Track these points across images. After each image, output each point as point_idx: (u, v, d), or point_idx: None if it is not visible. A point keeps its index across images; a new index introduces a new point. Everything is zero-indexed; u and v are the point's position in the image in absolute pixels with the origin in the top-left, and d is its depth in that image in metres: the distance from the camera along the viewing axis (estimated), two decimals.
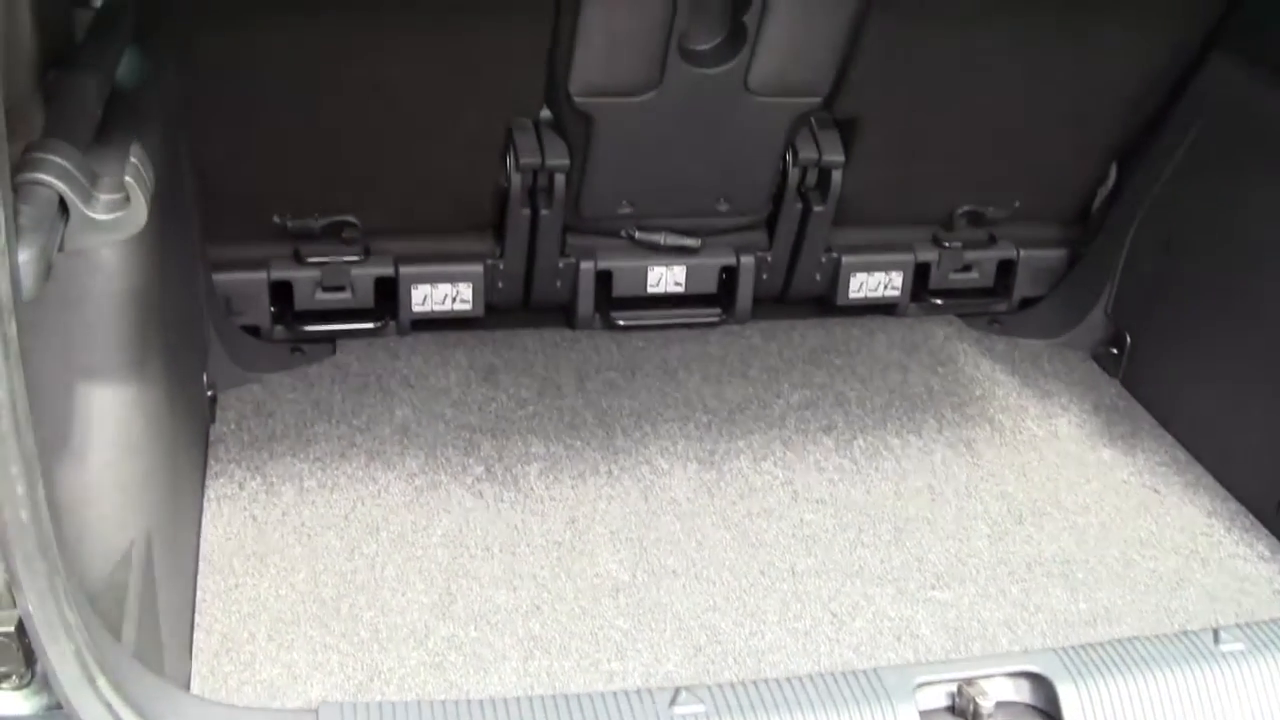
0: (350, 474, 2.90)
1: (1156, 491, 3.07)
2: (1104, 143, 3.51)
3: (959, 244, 3.60)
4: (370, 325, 3.34)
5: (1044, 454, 3.16)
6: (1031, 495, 3.01)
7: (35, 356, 1.59)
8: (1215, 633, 2.18)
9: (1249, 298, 3.11)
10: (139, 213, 1.73)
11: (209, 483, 2.84)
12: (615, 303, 3.45)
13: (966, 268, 3.65)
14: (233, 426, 3.02)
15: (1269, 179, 3.09)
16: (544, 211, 3.27)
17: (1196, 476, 3.13)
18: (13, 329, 1.44)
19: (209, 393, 2.98)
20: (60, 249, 1.71)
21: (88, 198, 1.70)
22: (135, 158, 1.78)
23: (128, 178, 1.72)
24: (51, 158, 1.72)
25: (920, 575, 2.75)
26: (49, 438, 1.98)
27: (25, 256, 1.50)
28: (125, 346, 2.20)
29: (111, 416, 2.20)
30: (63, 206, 1.70)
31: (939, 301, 3.65)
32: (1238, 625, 2.21)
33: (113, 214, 1.71)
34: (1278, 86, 3.10)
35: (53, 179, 1.68)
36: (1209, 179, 3.24)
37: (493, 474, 2.92)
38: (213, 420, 3.01)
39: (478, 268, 3.33)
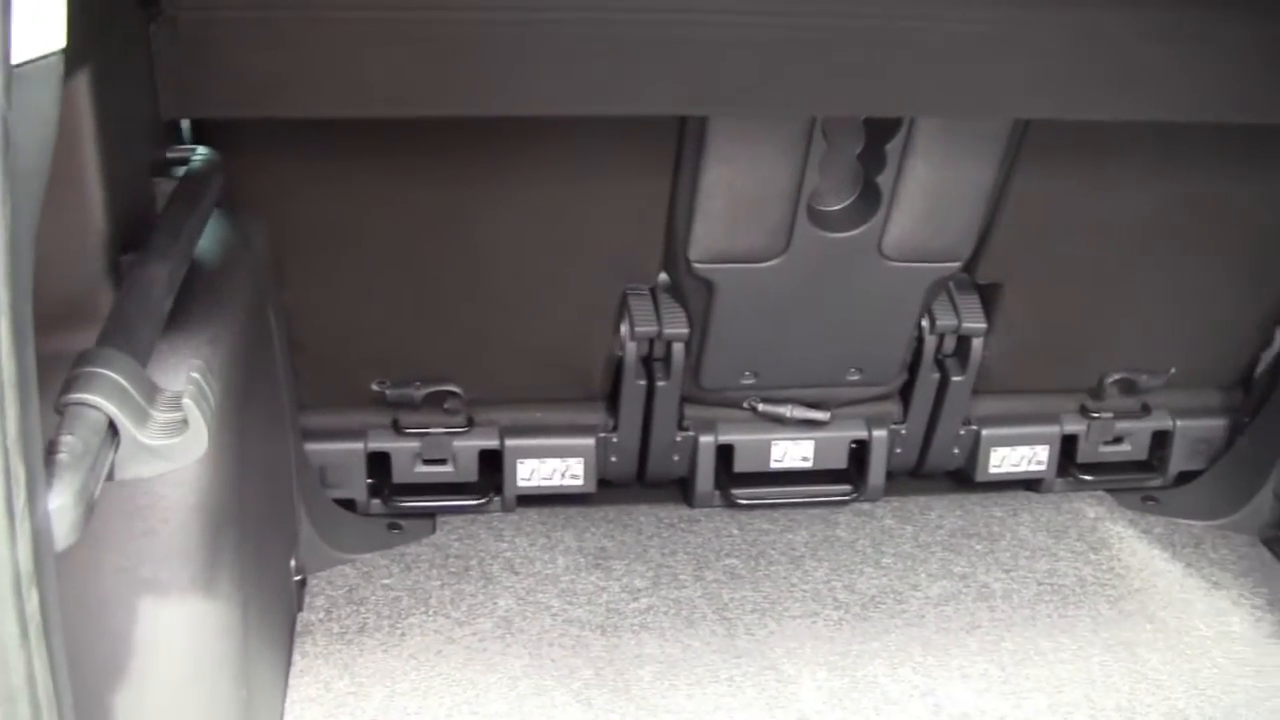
0: (447, 675, 2.65)
1: None
2: (1265, 306, 3.22)
3: (1109, 414, 3.31)
4: (473, 501, 3.12)
5: (1215, 659, 2.83)
6: (1205, 711, 2.68)
7: (89, 572, 1.37)
8: None
9: None
10: (199, 438, 1.51)
11: (293, 681, 2.61)
12: (736, 479, 3.19)
13: (1117, 439, 3.35)
14: (322, 615, 2.79)
15: None
16: (661, 382, 3.04)
17: None
18: (34, 602, 1.22)
19: (297, 577, 2.76)
20: (110, 477, 1.49)
21: (142, 419, 1.49)
22: (197, 371, 1.57)
23: (186, 399, 1.50)
24: (104, 372, 1.51)
25: None
26: (103, 663, 1.76)
27: (58, 502, 1.28)
28: (196, 560, 1.98)
29: (178, 638, 1.97)
30: (112, 428, 1.48)
31: (1088, 477, 3.36)
32: None
33: (171, 439, 1.49)
34: None
35: (102, 400, 1.47)
36: None
37: (602, 678, 2.66)
38: (300, 608, 2.79)
39: (589, 441, 3.10)
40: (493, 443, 3.08)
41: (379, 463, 3.08)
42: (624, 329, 2.99)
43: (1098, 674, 2.75)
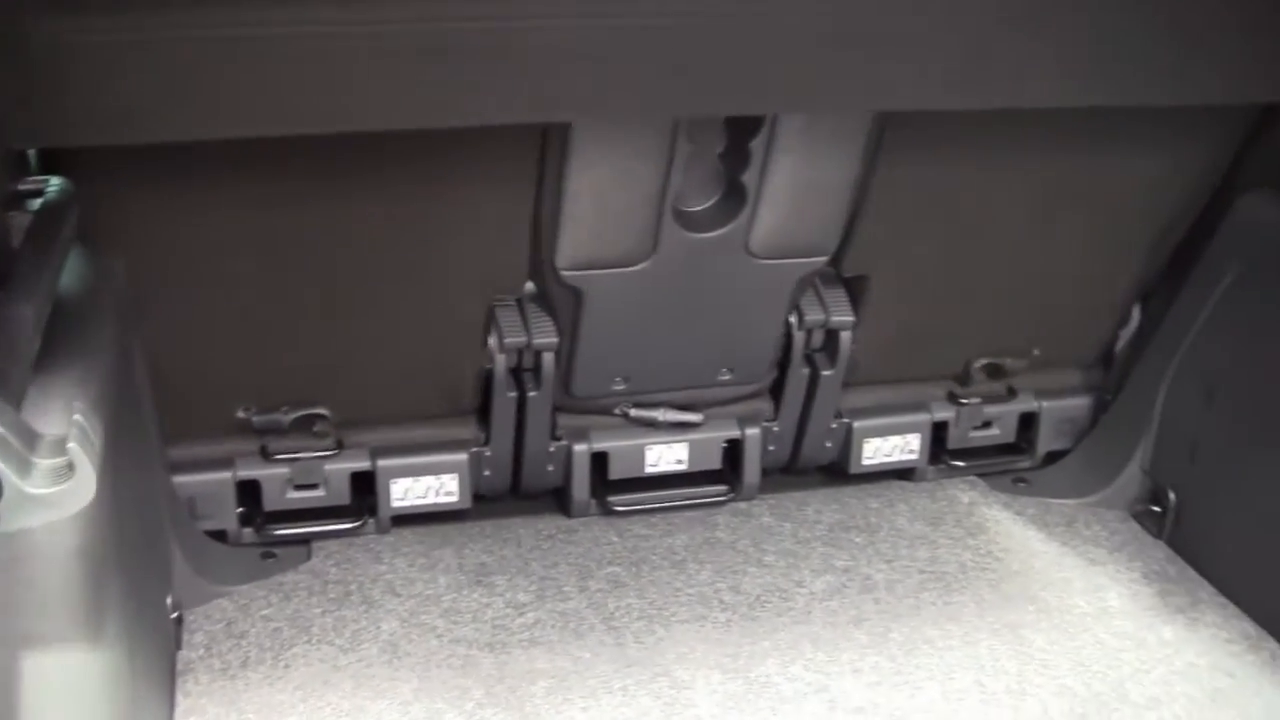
0: (335, 704, 2.59)
1: (1231, 676, 2.78)
2: (1124, 285, 3.28)
3: (976, 399, 3.35)
4: (348, 524, 3.04)
5: (1098, 635, 2.87)
6: (1093, 688, 2.71)
7: None
8: None
9: None
10: (86, 483, 1.44)
11: None
12: (612, 486, 3.16)
13: (986, 424, 3.39)
14: (202, 652, 2.70)
15: None
16: (532, 393, 3.00)
17: (1272, 654, 2.85)
18: None
19: (174, 615, 2.67)
20: None
21: (25, 469, 1.41)
22: (79, 414, 1.49)
23: (72, 444, 1.42)
24: None
25: None
26: None
27: None
28: (79, 607, 1.89)
29: (62, 690, 1.89)
30: None
31: (959, 463, 3.39)
32: None
33: (55, 486, 1.41)
34: None
35: None
36: (1252, 325, 3.00)
37: (494, 696, 2.61)
38: (179, 646, 2.69)
39: (462, 456, 3.04)
40: (364, 464, 3.01)
41: (249, 491, 2.99)
42: (492, 341, 2.95)
43: (986, 658, 2.77)
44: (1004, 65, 2.53)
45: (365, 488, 3.04)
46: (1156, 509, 3.22)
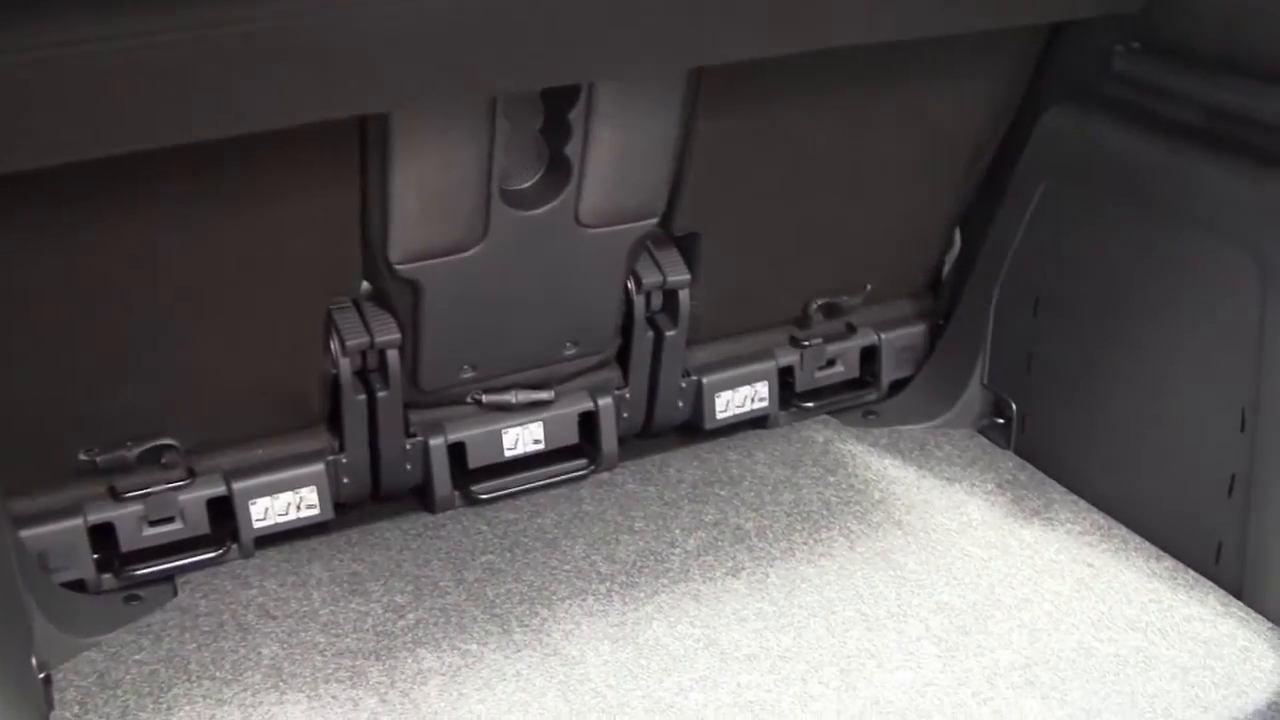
0: None
1: (1090, 565, 2.89)
2: (942, 211, 3.37)
3: (818, 340, 3.41)
4: (211, 554, 2.97)
5: (965, 549, 2.95)
6: (968, 599, 2.79)
7: None
8: None
9: (1128, 342, 2.99)
10: None
11: None
12: (474, 475, 3.14)
13: (830, 363, 3.45)
14: (76, 710, 2.61)
15: (1124, 218, 2.97)
16: (380, 393, 2.97)
17: (1124, 540, 2.97)
18: None
19: (41, 675, 2.58)
20: None
21: None
22: None
23: None
24: None
25: None
26: None
27: None
28: None
29: None
30: None
31: (810, 404, 3.45)
32: None
33: None
34: (1116, 127, 2.99)
35: None
36: (1066, 233, 3.11)
37: (388, 703, 2.59)
38: (51, 707, 2.60)
39: (318, 467, 3.00)
40: (219, 489, 2.95)
41: (103, 535, 2.89)
42: (333, 346, 2.91)
43: (864, 588, 2.83)
44: (810, 8, 2.56)
45: (223, 513, 2.97)
46: (1001, 421, 3.32)
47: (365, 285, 2.89)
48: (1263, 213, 2.67)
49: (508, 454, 3.16)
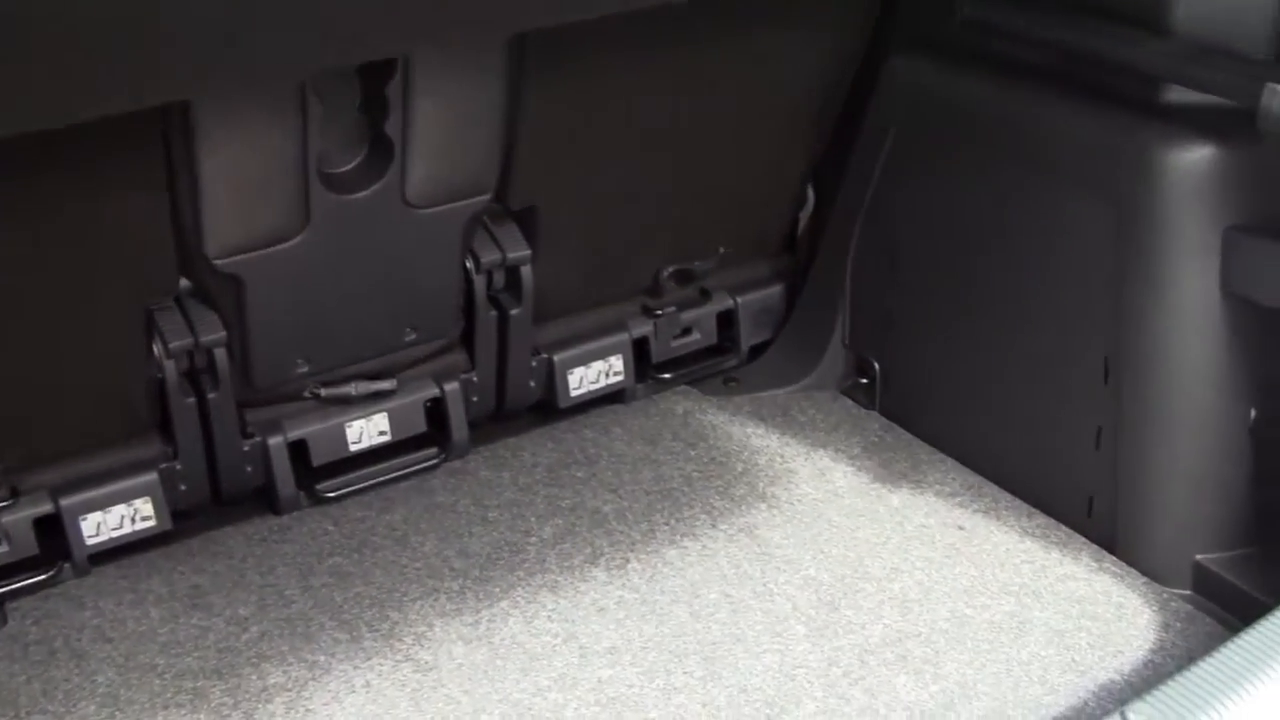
0: None
1: (961, 528, 2.81)
2: (792, 167, 3.26)
3: (672, 308, 3.28)
4: (41, 576, 2.79)
5: (831, 519, 2.85)
6: (836, 572, 2.70)
7: None
8: (1123, 715, 1.88)
9: (988, 295, 2.91)
10: None
11: None
12: (318, 473, 2.99)
13: (686, 331, 3.33)
14: None
15: (978, 168, 2.88)
16: (211, 395, 2.81)
17: (994, 499, 2.89)
18: None
19: None
20: None
21: None
22: None
23: None
24: None
25: (750, 709, 2.40)
26: None
27: None
28: None
29: None
30: None
31: (667, 375, 3.32)
32: (1140, 700, 1.92)
33: None
34: (965, 74, 2.90)
35: None
36: (919, 186, 3.02)
37: None
38: None
39: (151, 477, 2.83)
40: (46, 507, 2.77)
41: None
42: (157, 349, 2.74)
43: (728, 568, 2.73)
44: None
45: (53, 532, 2.80)
46: (864, 381, 3.23)
47: (185, 283, 2.72)
48: (1121, 160, 2.58)
49: (353, 448, 3.01)
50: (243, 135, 2.49)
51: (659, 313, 3.27)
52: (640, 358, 3.28)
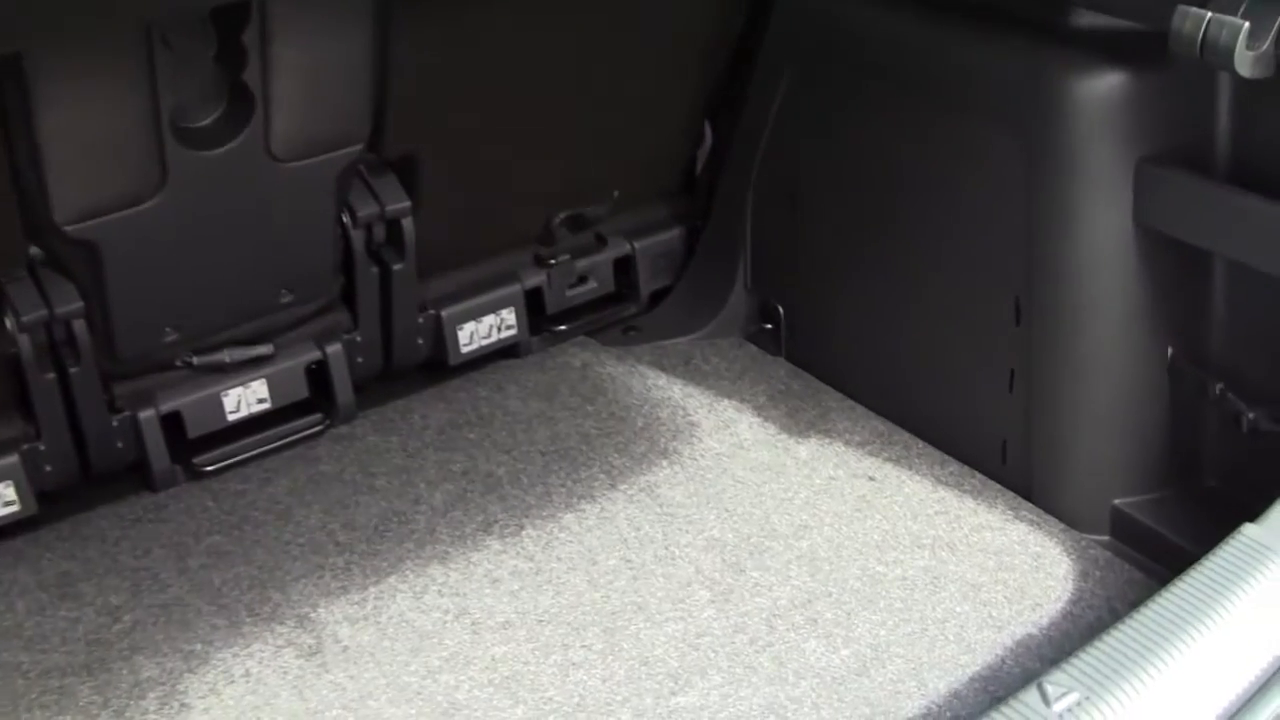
0: None
1: (872, 479, 2.70)
2: (686, 105, 3.11)
3: (566, 256, 3.13)
4: None
5: (736, 474, 2.73)
6: (741, 532, 2.58)
7: None
8: (1041, 689, 1.76)
9: (893, 235, 2.79)
10: None
11: None
12: (195, 445, 2.82)
13: (581, 279, 3.18)
14: None
15: (879, 103, 2.75)
16: (73, 369, 2.63)
17: (906, 446, 2.78)
18: None
19: None
20: None
21: None
22: None
23: None
24: None
25: (652, 682, 2.28)
26: None
27: None
28: None
29: None
30: None
31: (563, 327, 3.17)
32: (1059, 669, 1.81)
33: None
34: (861, 2, 2.76)
35: None
36: (817, 123, 2.89)
37: None
38: None
39: (12, 459, 2.65)
40: None
41: None
42: (9, 323, 2.55)
43: (628, 530, 2.60)
44: None
45: None
46: (769, 326, 3.11)
47: (36, 251, 2.54)
48: (1027, 90, 2.45)
49: (231, 418, 2.84)
50: (84, 89, 2.30)
51: (552, 261, 3.12)
52: (534, 309, 3.13)
